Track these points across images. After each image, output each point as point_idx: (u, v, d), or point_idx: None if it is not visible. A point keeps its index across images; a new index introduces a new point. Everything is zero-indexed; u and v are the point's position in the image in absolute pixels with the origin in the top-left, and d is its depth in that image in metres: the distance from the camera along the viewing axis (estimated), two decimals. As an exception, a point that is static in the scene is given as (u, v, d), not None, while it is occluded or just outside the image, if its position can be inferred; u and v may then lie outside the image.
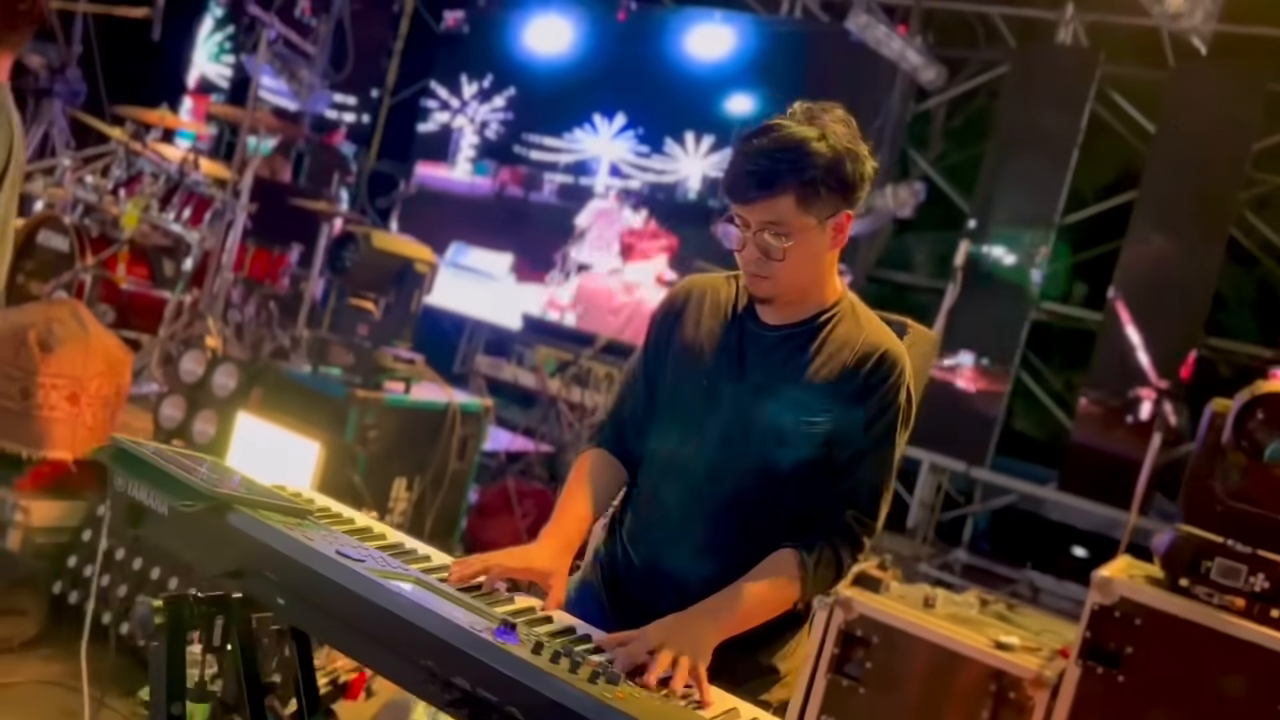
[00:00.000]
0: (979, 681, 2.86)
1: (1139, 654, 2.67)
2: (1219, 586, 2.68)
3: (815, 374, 1.70)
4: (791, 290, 1.71)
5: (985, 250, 6.88)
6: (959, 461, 6.92)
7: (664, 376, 1.82)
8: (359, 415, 3.74)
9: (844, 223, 1.69)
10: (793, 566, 1.67)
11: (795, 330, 1.74)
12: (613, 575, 1.87)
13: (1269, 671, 2.54)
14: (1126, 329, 6.45)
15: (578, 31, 8.52)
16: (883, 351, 1.71)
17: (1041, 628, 3.29)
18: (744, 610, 1.65)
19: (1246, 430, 2.64)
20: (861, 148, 1.67)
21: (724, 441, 1.73)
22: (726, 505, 1.74)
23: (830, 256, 1.73)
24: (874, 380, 1.69)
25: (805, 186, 1.62)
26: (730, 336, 1.77)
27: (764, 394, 1.71)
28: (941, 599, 3.20)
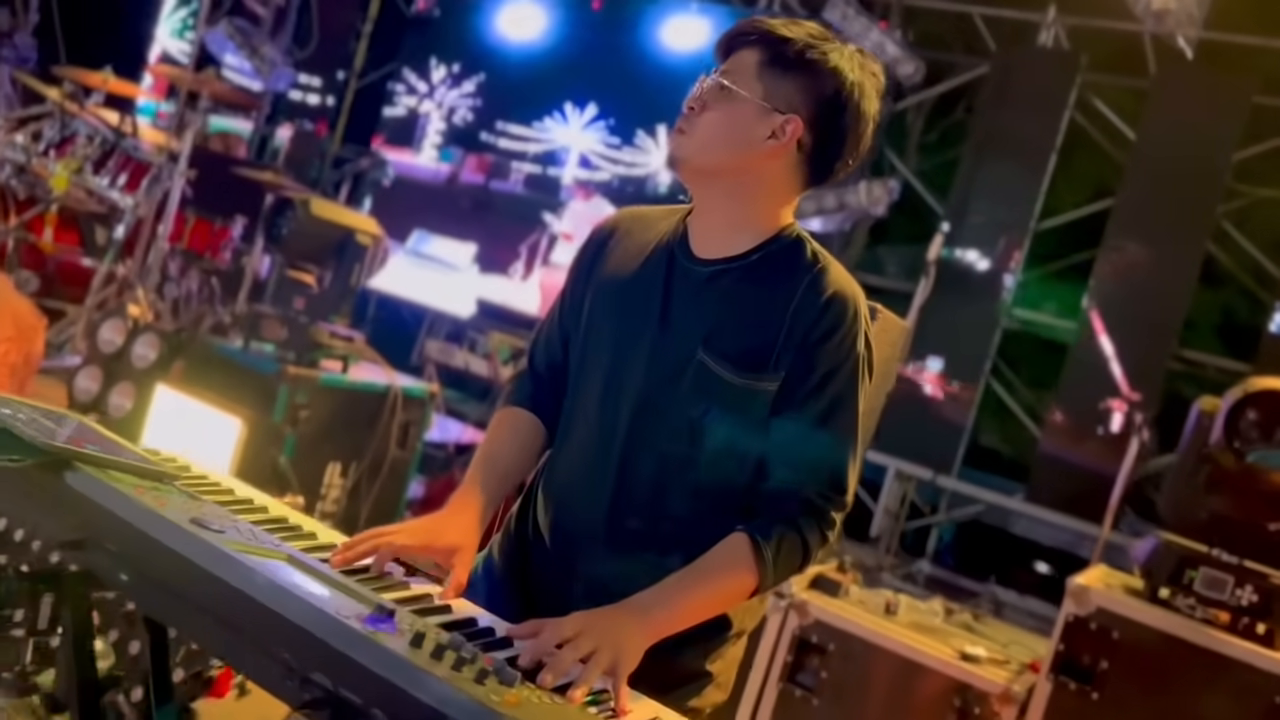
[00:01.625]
0: (942, 695, 2.65)
1: (1115, 669, 2.47)
2: (1203, 599, 2.49)
3: (753, 319, 1.44)
4: (700, 155, 1.45)
5: (958, 254, 6.72)
6: (925, 469, 6.74)
7: (581, 321, 1.58)
8: (290, 393, 3.48)
9: (796, 128, 1.43)
10: (747, 555, 1.40)
11: (730, 265, 1.48)
12: (520, 553, 1.61)
13: (1253, 691, 2.35)
14: (1100, 339, 6.30)
15: (551, 19, 8.31)
16: (833, 288, 1.44)
17: (1009, 639, 3.09)
18: (687, 607, 1.40)
19: (1237, 430, 2.45)
20: (871, 86, 1.46)
21: (644, 400, 1.47)
22: (650, 479, 1.47)
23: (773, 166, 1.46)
24: (821, 324, 1.42)
25: (775, 58, 1.43)
26: (655, 273, 1.51)
27: (690, 342, 1.45)
28: (904, 606, 2.99)
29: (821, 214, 5.93)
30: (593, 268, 1.60)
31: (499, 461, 1.56)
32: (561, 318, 1.64)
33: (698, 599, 1.41)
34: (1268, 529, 2.47)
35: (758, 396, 1.45)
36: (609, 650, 1.24)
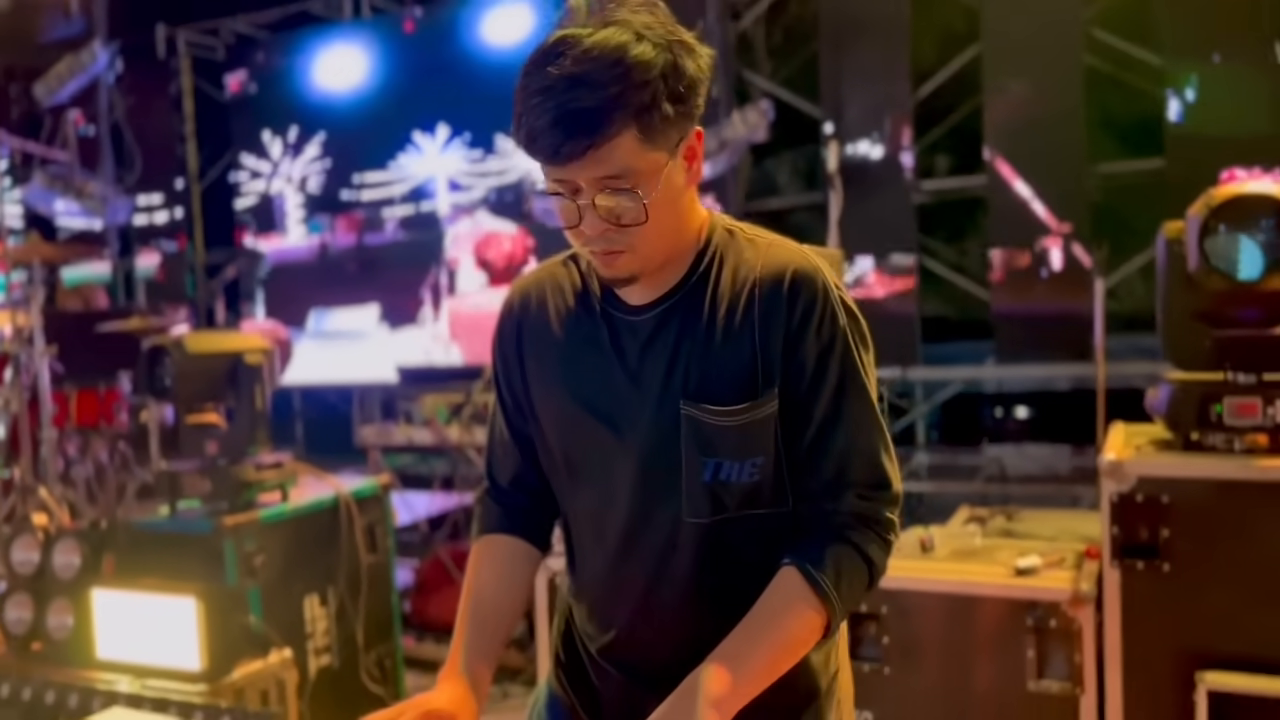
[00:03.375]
0: (1012, 619, 2.48)
1: (1177, 534, 2.31)
2: (1237, 429, 2.34)
3: (720, 343, 1.24)
4: (657, 257, 1.23)
5: (849, 150, 6.56)
6: (892, 369, 6.61)
7: (536, 419, 1.35)
8: (236, 547, 3.18)
9: (696, 147, 1.23)
10: (803, 590, 1.20)
11: (673, 302, 1.26)
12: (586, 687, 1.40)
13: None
14: (1014, 185, 6.19)
15: (370, 56, 7.94)
16: (788, 270, 1.24)
17: (1054, 531, 2.93)
18: (753, 673, 1.18)
19: (1221, 250, 2.28)
20: (685, 32, 1.19)
21: (650, 485, 1.26)
22: (691, 565, 1.27)
23: (691, 195, 1.26)
24: (795, 314, 1.22)
25: (642, 114, 1.13)
26: (597, 340, 1.29)
27: (672, 399, 1.24)
28: (938, 538, 2.82)
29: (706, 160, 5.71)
30: (519, 351, 1.37)
31: (485, 605, 1.34)
32: (509, 423, 1.41)
33: (763, 659, 1.19)
34: (1273, 336, 2.32)
35: (763, 425, 1.23)
36: None
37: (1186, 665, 2.24)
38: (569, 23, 1.17)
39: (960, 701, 2.53)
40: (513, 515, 1.39)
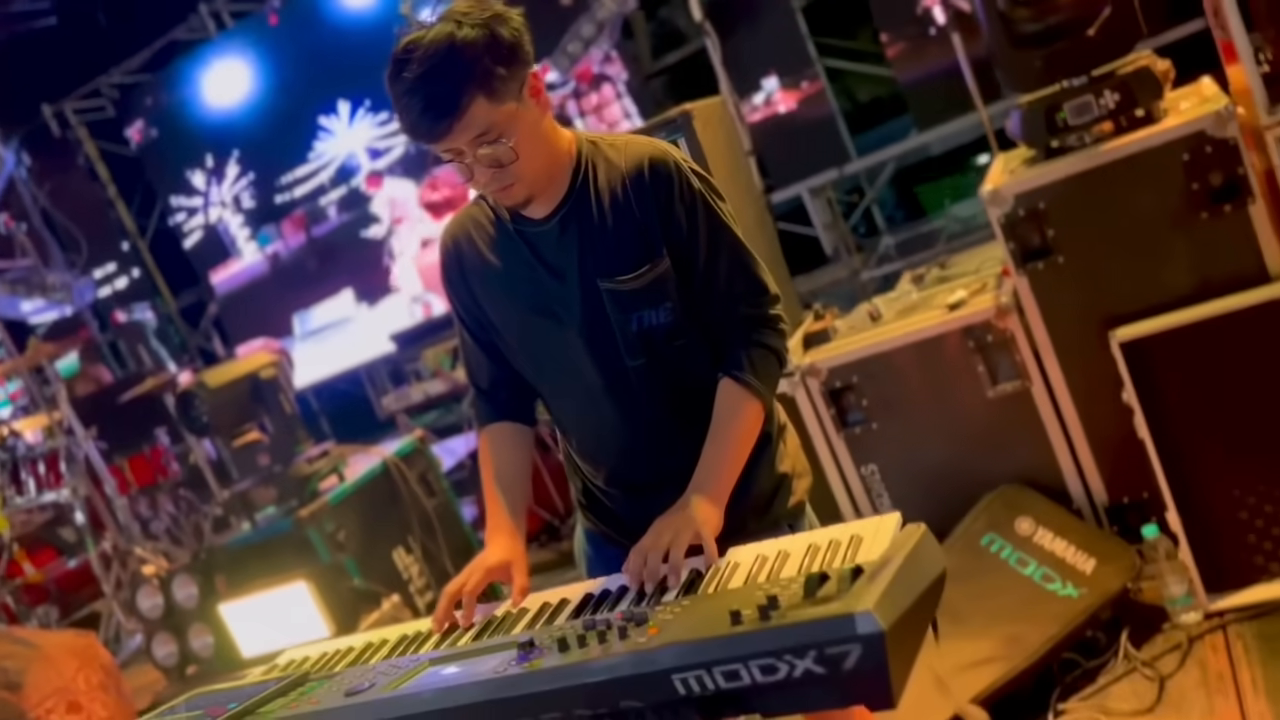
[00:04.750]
0: (959, 347, 2.91)
1: (1060, 230, 2.71)
2: (1084, 126, 2.71)
3: (612, 229, 1.63)
4: (541, 178, 1.61)
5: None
6: (828, 172, 6.94)
7: (495, 328, 1.75)
8: (318, 531, 3.64)
9: (537, 84, 1.59)
10: (738, 391, 1.64)
11: (566, 209, 1.65)
12: (604, 513, 1.84)
13: (1166, 162, 2.60)
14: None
15: (250, 61, 8.08)
16: (645, 160, 1.62)
17: (978, 263, 3.34)
18: (726, 461, 1.64)
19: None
20: (498, 6, 1.55)
21: (597, 349, 1.67)
22: (646, 396, 1.69)
23: (548, 121, 1.63)
24: (660, 192, 1.61)
25: (483, 82, 1.49)
26: (520, 254, 1.68)
27: (590, 280, 1.64)
28: (882, 305, 3.24)
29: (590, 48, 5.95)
30: (465, 280, 1.77)
31: (503, 476, 1.77)
32: (474, 334, 1.81)
33: (730, 450, 1.64)
34: (1088, 36, 2.67)
35: (663, 279, 1.63)
36: (685, 530, 1.48)
37: (1102, 330, 2.66)
38: (411, 31, 1.54)
39: (941, 427, 2.98)
40: (500, 406, 1.81)
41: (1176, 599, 2.63)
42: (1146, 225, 2.65)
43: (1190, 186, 2.57)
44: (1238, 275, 2.55)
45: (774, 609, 1.18)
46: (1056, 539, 2.74)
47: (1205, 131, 2.52)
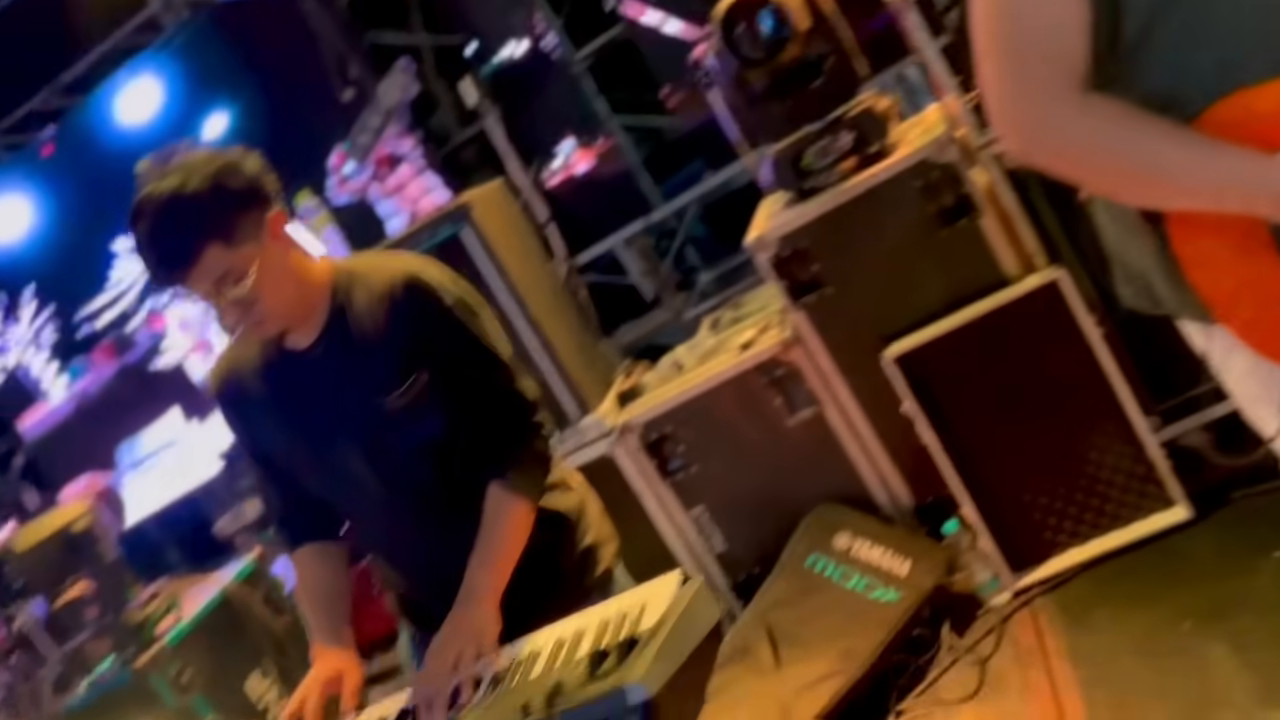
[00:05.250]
0: (755, 383, 3.08)
1: (826, 265, 2.92)
2: (828, 167, 2.94)
3: (374, 350, 1.69)
4: (291, 312, 1.67)
5: (501, 57, 6.91)
6: (637, 222, 7.15)
7: (275, 457, 1.79)
8: (162, 676, 3.51)
9: (277, 225, 1.65)
10: (503, 494, 1.72)
11: (328, 337, 1.71)
12: (423, 617, 1.88)
13: (904, 192, 2.83)
14: (642, 19, 6.69)
15: (30, 194, 7.75)
16: (400, 281, 1.69)
17: (767, 299, 3.54)
18: (498, 562, 1.70)
19: (740, 44, 2.83)
20: (231, 154, 1.62)
21: (378, 466, 1.73)
22: (430, 504, 1.77)
23: (293, 256, 1.68)
24: (415, 312, 1.68)
25: (215, 231, 1.55)
26: (290, 382, 1.73)
27: (359, 402, 1.70)
28: (684, 354, 3.39)
29: (382, 134, 5.99)
30: (241, 415, 1.80)
31: (316, 593, 1.83)
32: (262, 466, 1.85)
33: (497, 552, 1.71)
34: (810, 88, 2.90)
35: (427, 393, 1.70)
36: (467, 648, 1.54)
37: (877, 349, 2.86)
38: (144, 184, 1.58)
39: (755, 459, 3.13)
40: (301, 530, 1.85)
41: (986, 584, 2.84)
42: (898, 248, 2.88)
43: (927, 209, 2.82)
44: (982, 282, 2.81)
45: (560, 694, 1.26)
46: (873, 547, 2.92)
47: (929, 159, 2.77)
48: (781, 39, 2.77)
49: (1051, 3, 1.21)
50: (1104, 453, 2.73)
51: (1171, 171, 1.22)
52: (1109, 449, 2.72)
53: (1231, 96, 1.20)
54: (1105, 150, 1.25)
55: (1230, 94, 1.20)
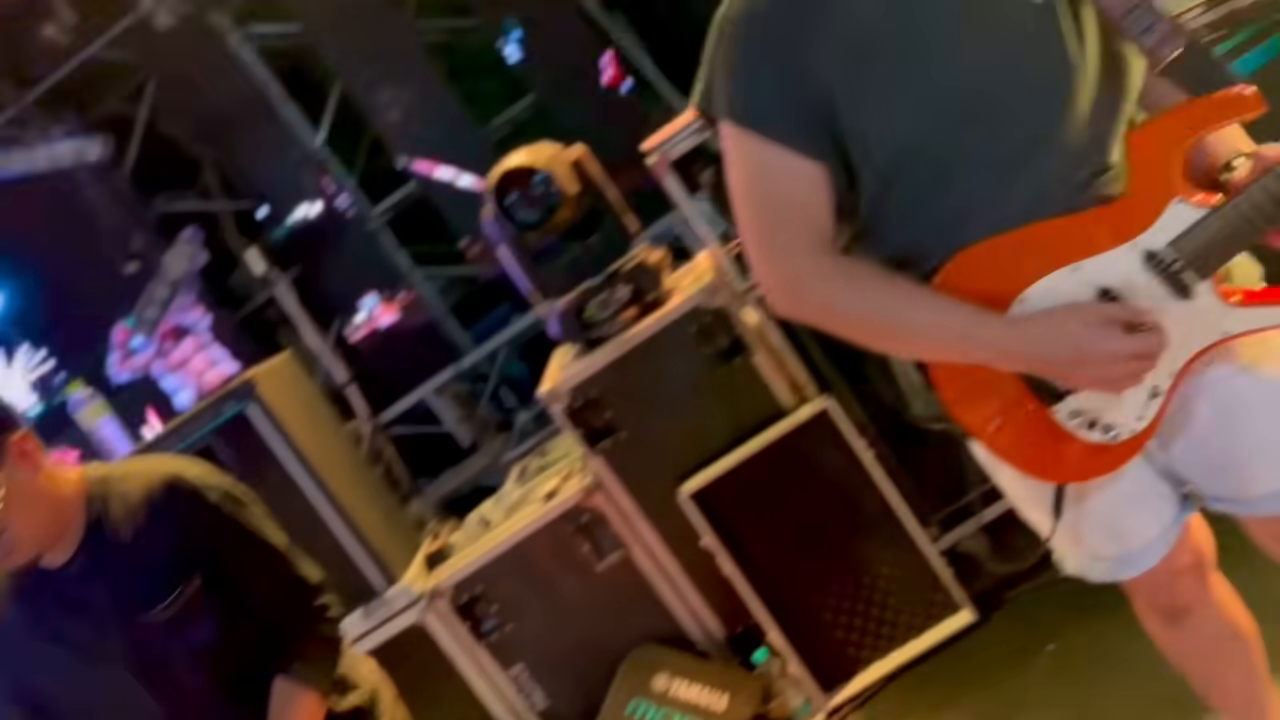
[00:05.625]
0: (562, 533, 3.11)
1: (617, 411, 3.01)
2: (610, 317, 3.07)
3: (136, 560, 1.64)
4: (44, 534, 1.61)
5: (295, 218, 6.92)
6: (446, 370, 7.16)
7: (38, 694, 1.69)
8: None
9: (20, 446, 1.60)
10: (290, 687, 1.68)
11: (85, 552, 1.65)
12: None
13: (683, 337, 2.98)
14: (435, 174, 6.87)
15: None
16: (159, 486, 1.67)
17: (569, 446, 3.60)
18: None
19: (513, 212, 2.96)
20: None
21: (152, 682, 1.66)
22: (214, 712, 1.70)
23: (42, 478, 1.63)
24: (178, 514, 1.66)
25: None
26: (45, 605, 1.65)
27: (126, 616, 1.63)
28: (490, 509, 3.39)
29: (169, 307, 5.82)
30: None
31: None
32: None
33: None
34: (585, 245, 3.06)
35: (199, 597, 1.65)
36: None
37: (674, 487, 2.96)
38: None
39: (568, 611, 3.13)
40: None
41: (800, 708, 2.92)
42: (682, 390, 3.02)
43: (704, 351, 2.98)
44: (761, 415, 2.96)
45: None
46: (690, 685, 2.96)
47: (701, 305, 2.94)
48: (552, 205, 2.92)
49: (794, 176, 1.35)
50: (891, 566, 2.89)
51: (910, 330, 1.37)
52: (895, 562, 2.88)
53: (956, 256, 1.36)
54: (850, 310, 1.39)
55: (954, 254, 1.36)
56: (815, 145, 1.34)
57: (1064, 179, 1.34)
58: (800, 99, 1.32)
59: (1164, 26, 1.25)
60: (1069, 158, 1.33)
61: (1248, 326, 1.35)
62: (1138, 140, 1.32)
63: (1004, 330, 1.34)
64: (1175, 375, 1.36)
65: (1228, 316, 1.33)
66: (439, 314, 7.26)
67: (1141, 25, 1.26)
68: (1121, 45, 1.31)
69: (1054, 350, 1.31)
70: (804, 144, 1.33)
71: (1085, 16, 1.30)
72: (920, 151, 1.34)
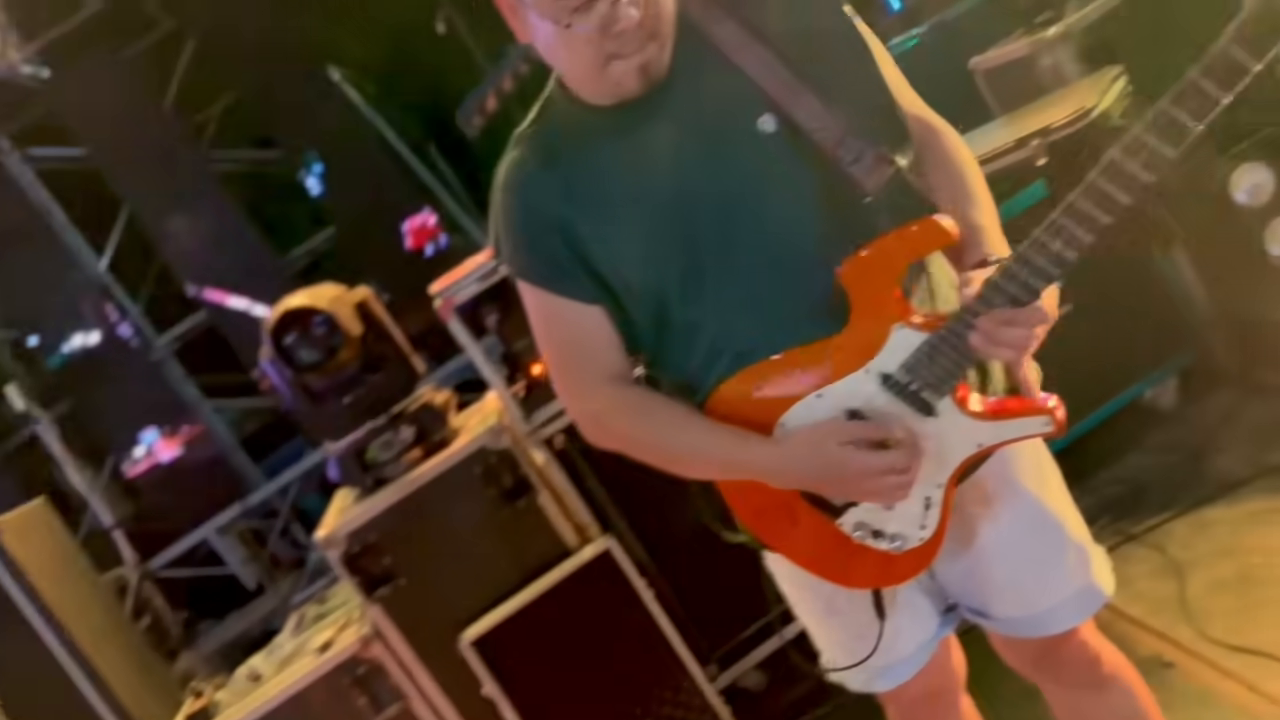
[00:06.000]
0: (337, 686, 2.97)
1: (397, 556, 2.94)
2: (393, 459, 3.03)
3: None
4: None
5: (70, 348, 6.54)
6: (233, 508, 6.81)
7: None
8: None
9: None
10: None
11: None
12: None
13: (468, 479, 2.97)
14: (228, 303, 6.68)
15: None
16: None
17: (350, 593, 3.48)
18: None
19: (292, 354, 2.91)
20: None
21: None
22: None
23: None
24: None
25: None
26: None
27: None
28: (262, 661, 3.21)
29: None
30: None
31: None
32: None
33: None
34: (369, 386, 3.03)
35: None
36: None
37: (457, 634, 2.90)
38: None
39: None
40: None
41: None
42: (466, 533, 2.98)
43: (489, 492, 2.97)
44: (546, 556, 2.96)
45: None
46: (472, 843, 2.83)
47: (486, 446, 2.95)
48: (334, 346, 2.89)
49: (579, 320, 1.47)
50: (673, 706, 2.91)
51: (691, 455, 1.49)
52: (677, 702, 2.90)
53: (717, 387, 1.48)
54: (641, 439, 1.52)
55: (715, 385, 1.47)
56: (587, 291, 1.46)
57: (801, 307, 1.43)
58: (566, 253, 1.44)
59: (870, 156, 1.37)
60: (804, 286, 1.42)
61: (997, 439, 1.43)
62: (851, 270, 1.39)
63: (769, 451, 1.44)
64: (945, 486, 1.45)
65: (976, 430, 1.42)
66: (227, 447, 6.94)
67: (851, 155, 1.37)
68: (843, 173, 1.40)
69: (815, 468, 1.41)
70: (578, 291, 1.46)
71: (806, 147, 1.40)
72: (666, 289, 1.45)
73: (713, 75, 1.41)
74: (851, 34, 1.47)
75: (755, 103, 1.40)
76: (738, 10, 1.42)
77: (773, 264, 1.42)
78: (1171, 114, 1.17)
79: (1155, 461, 3.14)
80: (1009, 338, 1.30)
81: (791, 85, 1.38)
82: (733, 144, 1.42)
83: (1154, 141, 1.18)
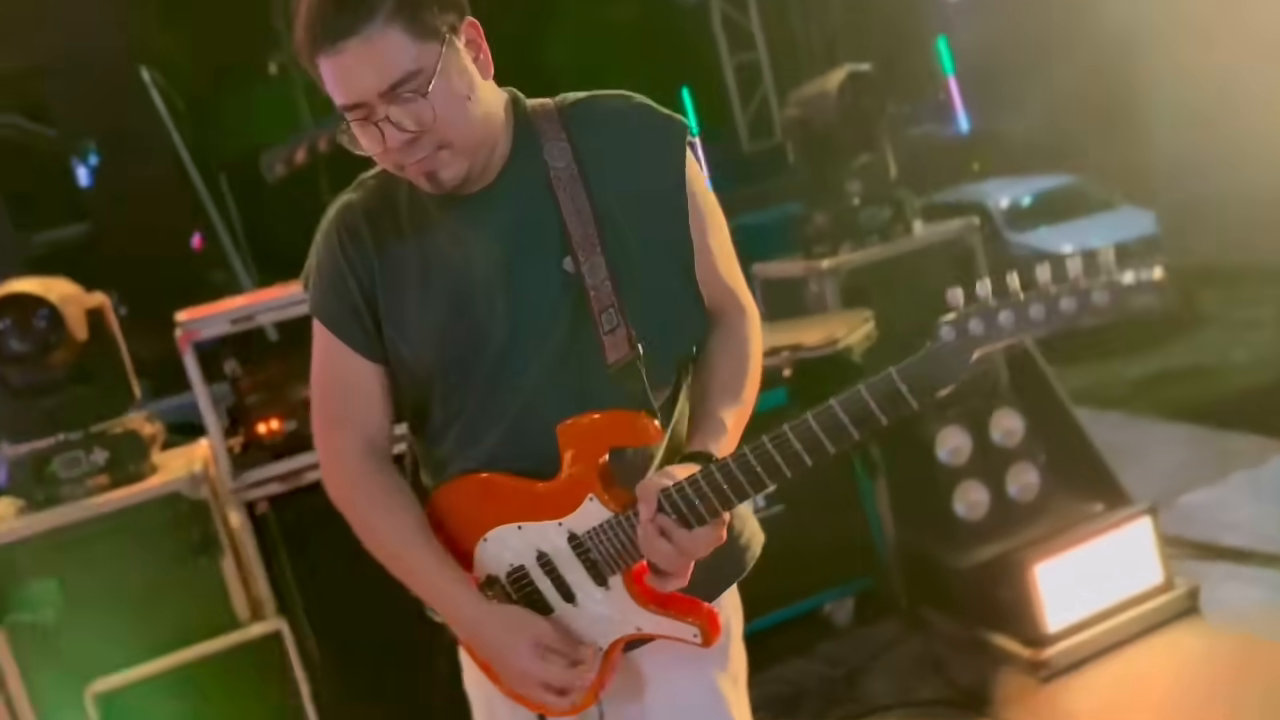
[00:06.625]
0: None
1: (46, 587, 2.68)
2: (76, 479, 2.79)
3: None
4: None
5: None
6: None
7: None
8: None
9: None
10: None
11: None
12: None
13: (153, 521, 2.77)
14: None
15: None
16: None
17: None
18: None
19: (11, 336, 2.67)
20: None
21: None
22: None
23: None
24: None
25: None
26: None
27: None
28: None
29: None
30: None
31: None
32: None
33: None
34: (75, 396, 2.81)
35: None
36: None
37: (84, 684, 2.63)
38: None
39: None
40: None
41: None
42: (135, 578, 2.76)
43: (171, 542, 2.78)
44: (214, 622, 2.78)
45: None
46: None
47: (181, 492, 2.78)
48: (50, 343, 2.68)
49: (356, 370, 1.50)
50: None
51: (404, 567, 1.50)
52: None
53: (441, 487, 1.53)
54: (364, 524, 1.52)
55: (456, 476, 1.52)
56: (371, 349, 1.49)
57: (539, 441, 1.46)
58: (361, 310, 1.48)
59: (623, 333, 1.43)
60: (544, 424, 1.46)
61: (655, 630, 1.48)
62: (568, 430, 1.45)
63: (473, 606, 1.47)
64: (600, 656, 1.50)
65: (637, 615, 1.47)
66: None
67: (609, 324, 1.44)
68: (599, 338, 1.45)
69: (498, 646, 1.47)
70: (362, 346, 1.49)
71: (584, 301, 1.45)
72: (434, 378, 1.49)
73: (532, 199, 1.46)
74: (677, 201, 1.49)
75: (560, 242, 1.45)
76: (581, 143, 1.47)
77: (531, 392, 1.47)
78: (834, 411, 1.29)
79: (819, 671, 3.35)
80: (660, 550, 1.37)
81: (589, 238, 1.44)
82: (537, 272, 1.46)
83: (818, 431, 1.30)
